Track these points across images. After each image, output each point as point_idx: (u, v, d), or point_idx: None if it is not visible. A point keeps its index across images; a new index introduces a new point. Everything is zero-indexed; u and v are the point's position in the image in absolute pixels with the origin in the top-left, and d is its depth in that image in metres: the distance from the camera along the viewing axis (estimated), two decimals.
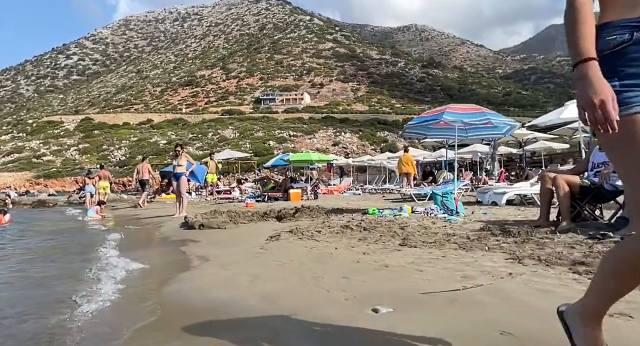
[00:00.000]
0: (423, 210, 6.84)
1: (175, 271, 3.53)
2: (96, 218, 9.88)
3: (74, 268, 4.11)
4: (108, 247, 5.18)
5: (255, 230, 5.91)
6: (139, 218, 9.78)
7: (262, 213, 7.47)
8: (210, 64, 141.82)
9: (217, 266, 3.59)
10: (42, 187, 42.75)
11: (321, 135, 66.91)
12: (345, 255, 3.65)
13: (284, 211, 7.37)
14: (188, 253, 4.58)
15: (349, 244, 4.18)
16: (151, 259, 4.29)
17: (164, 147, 64.90)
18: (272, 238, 4.71)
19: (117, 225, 8.79)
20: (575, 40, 1.21)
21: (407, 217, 6.22)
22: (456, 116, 7.66)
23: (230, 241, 5.11)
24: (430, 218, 6.08)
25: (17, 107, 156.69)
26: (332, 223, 5.84)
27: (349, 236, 4.64)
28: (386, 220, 5.77)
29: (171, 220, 8.46)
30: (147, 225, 8.38)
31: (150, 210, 11.75)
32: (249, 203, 10.51)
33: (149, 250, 5.32)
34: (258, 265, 3.47)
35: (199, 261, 3.98)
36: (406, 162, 14.83)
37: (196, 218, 6.80)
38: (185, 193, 9.21)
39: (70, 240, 6.66)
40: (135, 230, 7.78)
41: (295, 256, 3.71)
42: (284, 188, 13.33)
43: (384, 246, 4.00)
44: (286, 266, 3.33)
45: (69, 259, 4.79)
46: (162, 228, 7.41)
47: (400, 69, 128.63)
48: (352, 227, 5.13)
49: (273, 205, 10.37)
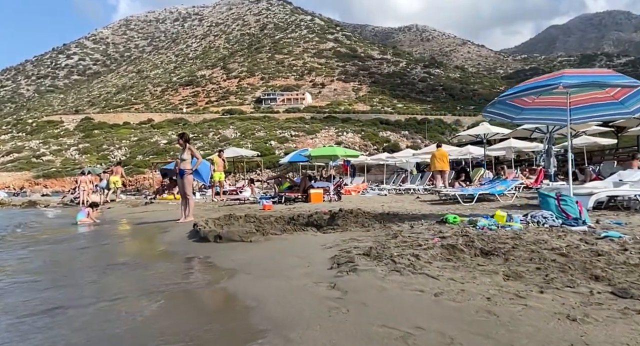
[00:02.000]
0: (525, 217, 4.93)
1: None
2: (86, 222, 8.56)
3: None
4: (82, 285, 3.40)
5: (296, 244, 4.29)
6: (137, 222, 8.36)
7: (288, 219, 6.08)
8: (211, 64, 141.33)
9: (270, 331, 2.05)
10: (41, 187, 42.16)
11: (323, 135, 66.45)
12: (517, 315, 1.97)
13: (315, 216, 6.22)
14: (205, 292, 3.03)
15: (496, 285, 2.45)
16: (147, 314, 2.54)
17: (164, 146, 64.43)
18: (340, 266, 3.04)
19: (109, 233, 7.26)
20: None
21: (520, 229, 4.34)
22: (581, 79, 4.98)
23: (267, 264, 3.56)
24: (557, 231, 4.18)
25: (17, 106, 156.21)
26: (408, 237, 4.05)
27: (475, 266, 2.89)
28: (505, 236, 3.86)
29: (175, 226, 6.99)
30: (147, 233, 6.89)
31: (150, 212, 10.31)
32: (267, 205, 9.03)
33: (140, 289, 3.12)
34: (351, 338, 1.87)
35: (229, 313, 2.51)
36: (440, 157, 13.19)
37: (207, 224, 5.41)
38: (191, 194, 7.67)
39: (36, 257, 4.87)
40: (130, 241, 6.46)
41: (414, 314, 2.07)
42: (302, 187, 11.61)
43: (579, 294, 2.25)
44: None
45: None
46: (166, 236, 5.99)
47: (401, 68, 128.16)
48: (460, 246, 3.37)
49: (294, 208, 9.03)
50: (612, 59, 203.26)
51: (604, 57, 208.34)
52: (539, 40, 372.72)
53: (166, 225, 7.20)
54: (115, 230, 7.86)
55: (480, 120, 79.46)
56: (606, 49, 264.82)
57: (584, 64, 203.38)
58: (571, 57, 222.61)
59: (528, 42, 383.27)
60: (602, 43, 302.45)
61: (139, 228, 7.59)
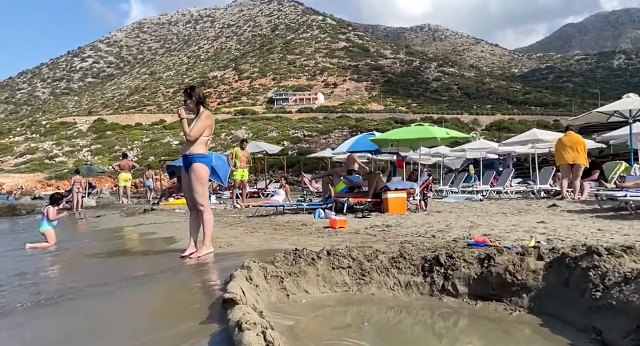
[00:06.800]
0: None
1: None
2: (40, 247, 5.42)
3: None
4: None
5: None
6: (114, 251, 4.68)
7: (420, 261, 2.56)
8: (223, 65, 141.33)
9: None
10: (41, 189, 41.42)
11: (336, 135, 65.17)
12: None
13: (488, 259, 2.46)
14: None
15: None
16: None
17: (176, 147, 63.86)
18: None
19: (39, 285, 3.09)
20: None
21: None
22: None
23: None
24: None
25: (34, 109, 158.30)
26: None
27: None
28: None
29: (179, 269, 3.34)
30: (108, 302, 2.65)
31: (146, 227, 6.99)
32: (336, 220, 5.39)
33: None
34: None
35: None
36: (572, 145, 9.00)
37: (262, 317, 1.82)
38: (207, 203, 3.92)
39: None
40: None
41: None
42: (373, 189, 7.67)
43: None
44: None
45: None
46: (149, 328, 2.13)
47: (415, 68, 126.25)
48: None
49: (372, 221, 6.00)
50: (631, 57, 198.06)
51: (622, 55, 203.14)
52: (555, 39, 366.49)
53: (162, 264, 3.55)
54: (57, 273, 3.84)
55: (498, 120, 77.38)
56: (624, 47, 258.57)
57: (602, 62, 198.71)
58: (588, 56, 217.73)
59: (543, 41, 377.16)
60: (620, 41, 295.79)
61: (103, 274, 3.45)
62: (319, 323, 2.01)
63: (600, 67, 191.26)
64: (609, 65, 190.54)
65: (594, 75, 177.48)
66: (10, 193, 28.59)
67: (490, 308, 2.20)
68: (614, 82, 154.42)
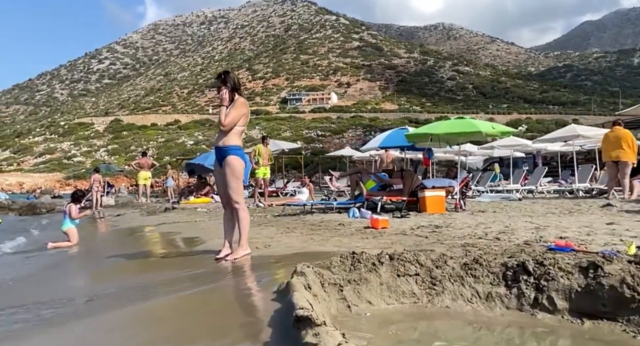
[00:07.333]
0: None
1: None
2: (62, 246, 5.39)
3: None
4: None
5: None
6: (140, 252, 4.39)
7: (500, 267, 2.21)
8: (236, 65, 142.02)
9: None
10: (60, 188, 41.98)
11: (350, 135, 64.89)
12: None
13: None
14: None
15: None
16: None
17: (190, 147, 64.28)
18: None
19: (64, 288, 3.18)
20: None
21: None
22: None
23: None
24: None
25: (52, 110, 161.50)
26: None
27: None
28: None
29: (217, 271, 3.07)
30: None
31: (169, 226, 6.69)
32: (378, 220, 4.93)
33: None
34: None
35: None
36: (618, 140, 8.23)
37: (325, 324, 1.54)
38: (242, 200, 3.52)
39: None
40: None
41: None
42: (409, 187, 7.15)
43: None
44: None
45: None
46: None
47: (429, 66, 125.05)
48: None
49: (414, 221, 5.58)
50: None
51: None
52: (572, 36, 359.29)
53: (195, 267, 3.25)
54: (84, 274, 3.96)
55: (515, 119, 75.90)
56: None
57: (622, 60, 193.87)
58: (607, 53, 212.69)
59: (560, 39, 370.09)
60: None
61: (136, 275, 3.40)
62: (393, 342, 1.68)
63: (620, 64, 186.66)
64: (629, 62, 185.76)
65: (613, 73, 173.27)
66: (31, 191, 29.03)
67: (602, 329, 1.81)
68: (634, 79, 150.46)
